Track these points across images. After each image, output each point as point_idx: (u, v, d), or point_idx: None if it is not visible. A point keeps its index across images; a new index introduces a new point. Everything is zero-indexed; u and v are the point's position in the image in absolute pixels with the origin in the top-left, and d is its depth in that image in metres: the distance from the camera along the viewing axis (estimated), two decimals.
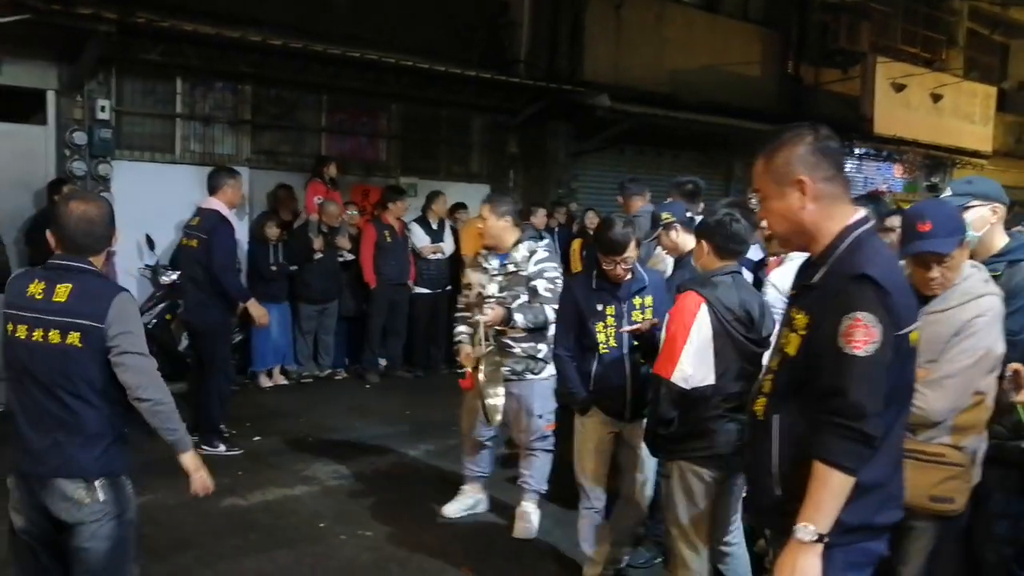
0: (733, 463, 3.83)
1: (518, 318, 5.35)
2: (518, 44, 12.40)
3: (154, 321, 8.90)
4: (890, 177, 18.66)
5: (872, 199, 7.17)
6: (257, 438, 7.55)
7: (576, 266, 9.54)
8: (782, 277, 4.56)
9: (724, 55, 14.86)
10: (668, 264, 5.64)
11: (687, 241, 5.03)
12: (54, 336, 3.34)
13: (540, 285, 5.42)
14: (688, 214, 5.48)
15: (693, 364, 3.74)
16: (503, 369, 5.40)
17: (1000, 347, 3.35)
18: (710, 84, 14.43)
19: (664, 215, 5.41)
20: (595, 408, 4.80)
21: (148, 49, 9.41)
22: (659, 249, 5.80)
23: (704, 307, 3.78)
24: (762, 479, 2.62)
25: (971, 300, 3.34)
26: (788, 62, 16.38)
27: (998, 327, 3.36)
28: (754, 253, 5.76)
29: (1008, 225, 4.11)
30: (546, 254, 5.57)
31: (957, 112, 19.08)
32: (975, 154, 19.08)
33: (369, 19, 10.76)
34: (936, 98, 18.47)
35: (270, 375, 9.52)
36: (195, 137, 10.16)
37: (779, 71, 16.24)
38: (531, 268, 5.47)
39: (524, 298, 5.45)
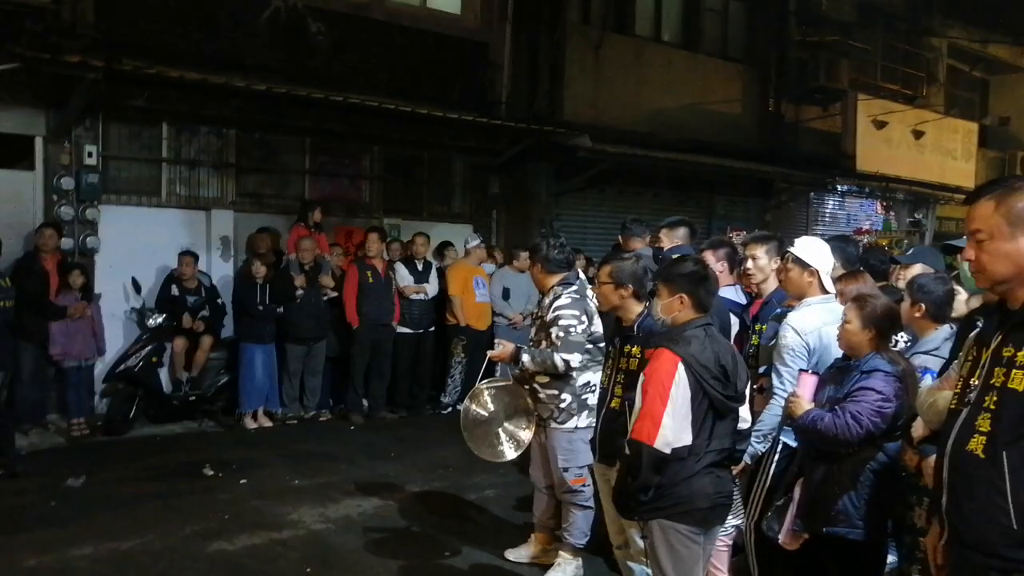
0: (711, 517, 3.84)
1: (525, 359, 5.33)
2: (499, 85, 12.57)
3: (140, 364, 8.98)
4: (873, 214, 18.80)
5: (844, 241, 7.25)
6: (243, 481, 7.55)
7: None
8: (802, 320, 4.56)
9: (704, 93, 15.06)
10: None
11: None
12: None
13: (553, 332, 5.35)
14: None
15: (674, 428, 3.64)
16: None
17: None
18: (690, 122, 14.61)
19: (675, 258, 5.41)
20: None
21: (134, 95, 9.55)
22: None
23: (681, 366, 3.66)
24: (986, 516, 2.61)
25: None
26: (768, 100, 16.55)
27: None
28: (737, 296, 5.79)
29: None
30: (567, 300, 5.39)
31: (939, 148, 19.26)
32: (958, 190, 19.28)
33: (351, 62, 10.94)
34: (918, 135, 18.66)
35: (255, 417, 9.54)
36: (181, 181, 10.29)
37: (759, 109, 16.40)
38: (550, 314, 5.44)
39: (545, 344, 5.44)
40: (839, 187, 17.78)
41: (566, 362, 5.25)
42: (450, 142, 12.17)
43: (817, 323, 4.53)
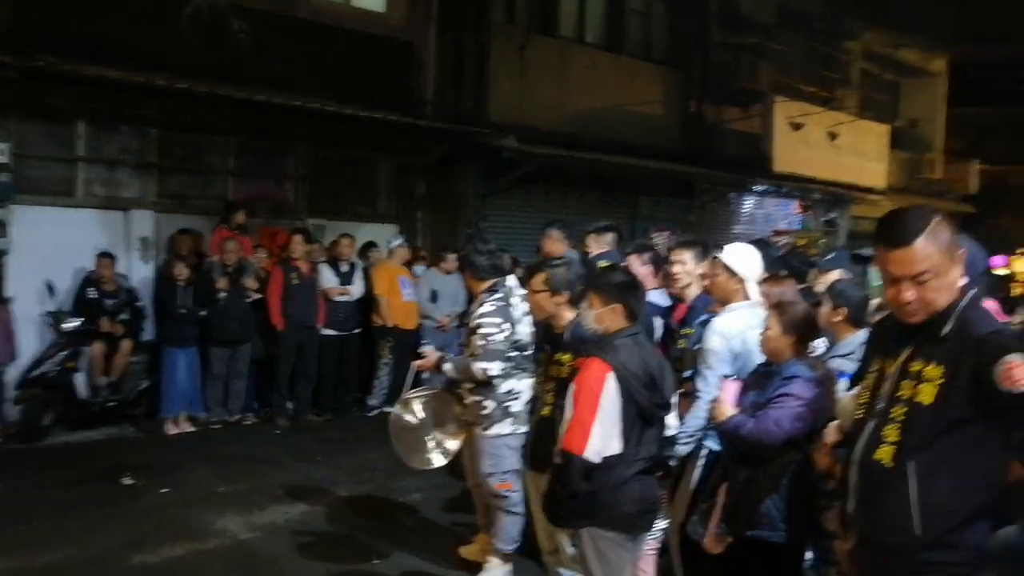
0: (640, 523, 3.90)
1: (446, 367, 5.38)
2: (424, 85, 12.52)
3: (56, 369, 8.77)
4: (790, 214, 19.15)
5: (765, 244, 7.39)
6: (165, 489, 7.36)
7: None
8: (727, 325, 4.61)
9: (627, 95, 15.19)
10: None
11: None
12: None
13: (475, 340, 5.33)
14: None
15: (603, 437, 3.69)
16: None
17: None
18: (614, 124, 14.75)
19: (602, 264, 5.44)
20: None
21: (51, 93, 9.31)
22: None
23: (611, 376, 3.71)
24: (894, 522, 2.71)
25: None
26: (690, 101, 16.74)
27: None
28: (662, 299, 5.84)
29: None
30: (490, 308, 5.36)
31: (853, 149, 19.67)
32: (870, 190, 19.75)
33: (275, 61, 10.79)
34: (833, 136, 19.03)
35: (176, 422, 9.37)
36: (98, 181, 10.04)
37: (681, 110, 16.60)
38: (473, 322, 5.43)
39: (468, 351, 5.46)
40: (757, 188, 18.07)
41: (485, 371, 5.25)
42: (375, 142, 12.10)
43: (742, 327, 4.59)
